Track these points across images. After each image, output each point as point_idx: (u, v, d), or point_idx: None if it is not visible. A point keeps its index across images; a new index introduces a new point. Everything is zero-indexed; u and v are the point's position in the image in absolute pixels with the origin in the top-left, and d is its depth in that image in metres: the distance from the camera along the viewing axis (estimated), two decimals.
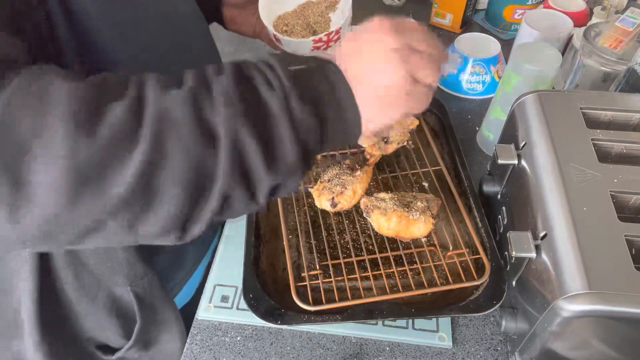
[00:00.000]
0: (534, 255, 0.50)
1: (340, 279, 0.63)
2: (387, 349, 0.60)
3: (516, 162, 0.59)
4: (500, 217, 0.64)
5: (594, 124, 0.57)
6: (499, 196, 0.66)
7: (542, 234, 0.50)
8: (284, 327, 0.61)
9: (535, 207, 0.53)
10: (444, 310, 0.58)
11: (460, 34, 1.02)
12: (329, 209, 0.66)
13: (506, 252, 0.60)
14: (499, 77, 0.93)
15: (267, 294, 0.59)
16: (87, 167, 0.31)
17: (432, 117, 0.83)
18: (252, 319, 0.60)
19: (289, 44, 0.66)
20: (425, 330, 0.61)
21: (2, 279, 0.52)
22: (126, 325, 0.60)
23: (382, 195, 0.65)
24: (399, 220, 0.61)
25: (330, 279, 0.62)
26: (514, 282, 0.57)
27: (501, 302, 0.57)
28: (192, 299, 0.77)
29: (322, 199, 0.66)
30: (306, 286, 0.60)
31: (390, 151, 0.73)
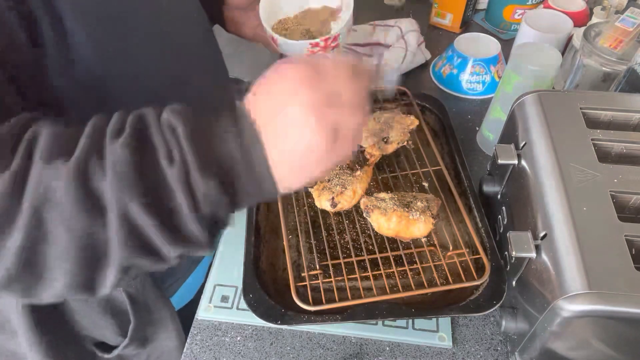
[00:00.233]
0: (534, 255, 0.50)
1: (340, 279, 0.63)
2: (387, 349, 0.60)
3: (516, 162, 0.59)
4: (500, 217, 0.64)
5: (594, 124, 0.57)
6: (499, 196, 0.66)
7: (542, 234, 0.50)
8: (284, 327, 0.61)
9: (535, 207, 0.53)
10: (444, 310, 0.58)
11: (460, 34, 1.02)
12: (329, 209, 0.66)
13: (506, 252, 0.60)
14: (499, 77, 0.93)
15: (267, 294, 0.59)
16: None
17: (432, 117, 0.83)
18: (252, 319, 0.60)
19: (285, 46, 0.66)
20: (425, 330, 0.61)
21: None
22: (122, 323, 0.60)
23: (382, 195, 0.65)
24: (399, 220, 0.61)
25: (330, 279, 0.62)
26: (514, 282, 0.57)
27: (501, 302, 0.57)
28: (195, 298, 0.77)
29: (322, 199, 0.66)
30: (306, 286, 0.60)
31: (390, 151, 0.74)
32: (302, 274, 0.62)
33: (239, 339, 0.62)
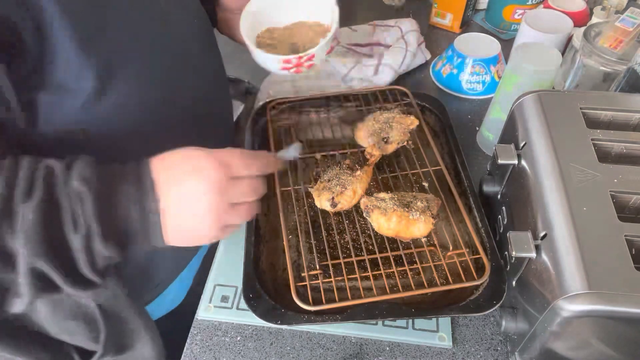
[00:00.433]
0: (534, 255, 0.50)
1: (340, 279, 0.63)
2: (387, 349, 0.60)
3: (516, 162, 0.59)
4: (500, 217, 0.64)
5: (594, 124, 0.57)
6: (499, 196, 0.66)
7: (542, 234, 0.50)
8: (284, 327, 0.61)
9: (535, 207, 0.53)
10: (444, 310, 0.58)
11: (460, 34, 1.02)
12: (329, 209, 0.66)
13: (506, 252, 0.60)
14: (499, 77, 0.93)
15: (267, 294, 0.59)
16: None
17: (432, 117, 0.83)
18: (252, 319, 0.60)
19: (258, 57, 0.63)
20: (425, 330, 0.61)
21: None
22: (93, 331, 0.58)
23: (382, 195, 0.65)
24: (399, 220, 0.61)
25: (330, 279, 0.62)
26: (514, 282, 0.57)
27: (501, 302, 0.57)
28: (186, 301, 0.76)
29: (322, 199, 0.66)
30: (306, 286, 0.60)
31: (390, 151, 0.74)
32: (302, 274, 0.62)
33: (239, 339, 0.62)
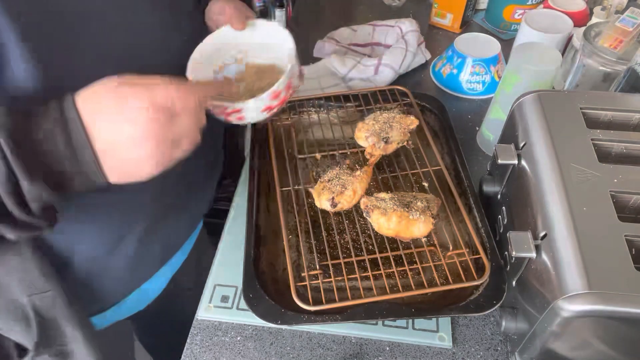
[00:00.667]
0: (534, 255, 0.50)
1: (340, 279, 0.63)
2: (387, 349, 0.60)
3: (516, 162, 0.59)
4: (500, 217, 0.64)
5: (594, 124, 0.57)
6: (499, 196, 0.66)
7: (542, 234, 0.50)
8: (284, 327, 0.61)
9: (535, 207, 0.53)
10: (444, 310, 0.58)
11: (460, 34, 1.02)
12: (329, 209, 0.66)
13: (506, 252, 0.60)
14: (499, 77, 0.93)
15: (267, 294, 0.59)
16: None
17: (432, 117, 0.83)
18: (252, 319, 0.60)
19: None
20: (425, 330, 0.61)
21: None
22: (28, 330, 0.56)
23: (382, 195, 0.65)
24: (399, 220, 0.61)
25: (330, 279, 0.62)
26: (514, 282, 0.57)
27: (501, 302, 0.57)
28: (186, 301, 0.74)
29: (322, 199, 0.66)
30: (306, 286, 0.60)
31: (390, 151, 0.74)
32: (302, 274, 0.62)
33: (239, 339, 0.62)
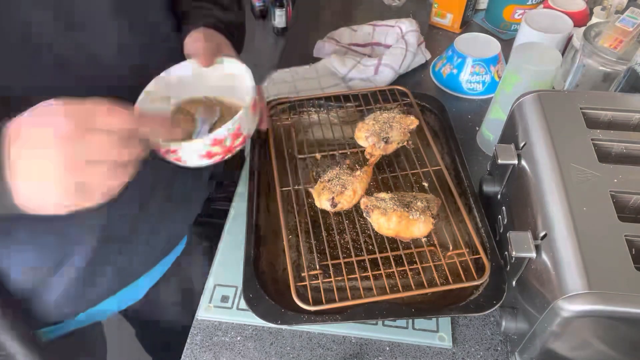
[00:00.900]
0: (534, 255, 0.51)
1: (340, 279, 0.63)
2: (387, 349, 0.60)
3: (516, 162, 0.59)
4: (500, 217, 0.64)
5: (594, 124, 0.57)
6: (499, 196, 0.66)
7: (542, 234, 0.50)
8: (284, 327, 0.61)
9: (535, 207, 0.53)
10: (444, 310, 0.58)
11: (460, 34, 1.02)
12: (329, 209, 0.66)
13: (506, 252, 0.60)
14: (499, 77, 0.93)
15: (267, 294, 0.59)
16: None
17: (432, 117, 0.83)
18: (252, 319, 0.60)
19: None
20: (425, 330, 0.61)
21: None
22: None
23: (382, 195, 0.65)
24: (399, 220, 0.61)
25: (330, 279, 0.62)
26: (514, 282, 0.57)
27: (501, 302, 0.57)
28: (186, 301, 0.74)
29: (322, 199, 0.66)
30: (306, 286, 0.60)
31: (390, 151, 0.74)
32: (302, 274, 0.62)
33: (239, 339, 0.62)
